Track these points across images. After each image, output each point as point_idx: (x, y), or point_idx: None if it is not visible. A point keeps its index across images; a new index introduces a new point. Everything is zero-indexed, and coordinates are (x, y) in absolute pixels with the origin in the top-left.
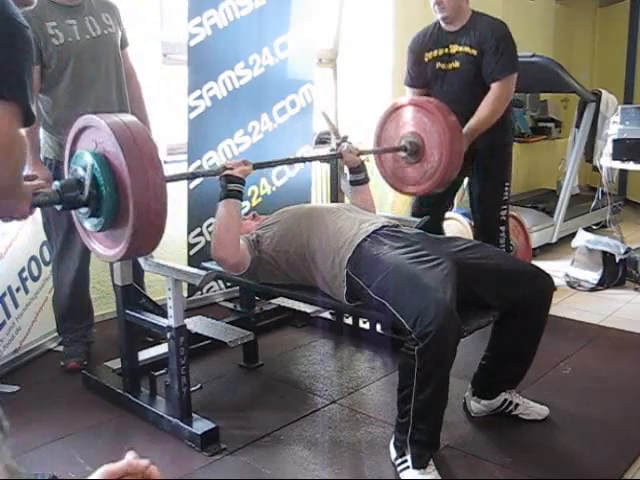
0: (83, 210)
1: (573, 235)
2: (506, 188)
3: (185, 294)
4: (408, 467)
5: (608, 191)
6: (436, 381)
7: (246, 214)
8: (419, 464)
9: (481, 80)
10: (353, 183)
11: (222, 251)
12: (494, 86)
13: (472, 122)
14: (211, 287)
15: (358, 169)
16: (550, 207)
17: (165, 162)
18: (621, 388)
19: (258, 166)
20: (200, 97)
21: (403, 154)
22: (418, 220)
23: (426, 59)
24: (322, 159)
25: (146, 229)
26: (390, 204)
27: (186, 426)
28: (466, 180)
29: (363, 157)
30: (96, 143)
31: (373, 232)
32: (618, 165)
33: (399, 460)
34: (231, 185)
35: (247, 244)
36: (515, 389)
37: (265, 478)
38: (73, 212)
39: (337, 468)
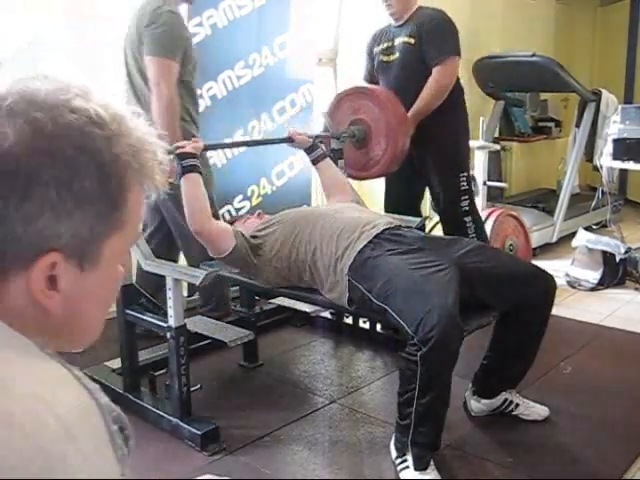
0: None
1: (573, 235)
2: (463, 178)
3: (185, 294)
4: (408, 467)
5: (608, 191)
6: (439, 385)
7: (251, 213)
8: (420, 465)
9: (423, 69)
10: (314, 162)
11: (196, 223)
12: (434, 70)
13: (415, 106)
14: None
15: (312, 148)
16: (550, 207)
17: None
18: (621, 388)
19: (209, 147)
20: (200, 97)
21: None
22: (418, 220)
23: (374, 53)
24: (274, 142)
25: None
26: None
27: (186, 426)
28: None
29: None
30: None
31: (375, 237)
32: (618, 165)
33: (399, 460)
34: (185, 162)
35: (234, 232)
36: (515, 389)
37: (265, 478)
38: None
39: (337, 468)
